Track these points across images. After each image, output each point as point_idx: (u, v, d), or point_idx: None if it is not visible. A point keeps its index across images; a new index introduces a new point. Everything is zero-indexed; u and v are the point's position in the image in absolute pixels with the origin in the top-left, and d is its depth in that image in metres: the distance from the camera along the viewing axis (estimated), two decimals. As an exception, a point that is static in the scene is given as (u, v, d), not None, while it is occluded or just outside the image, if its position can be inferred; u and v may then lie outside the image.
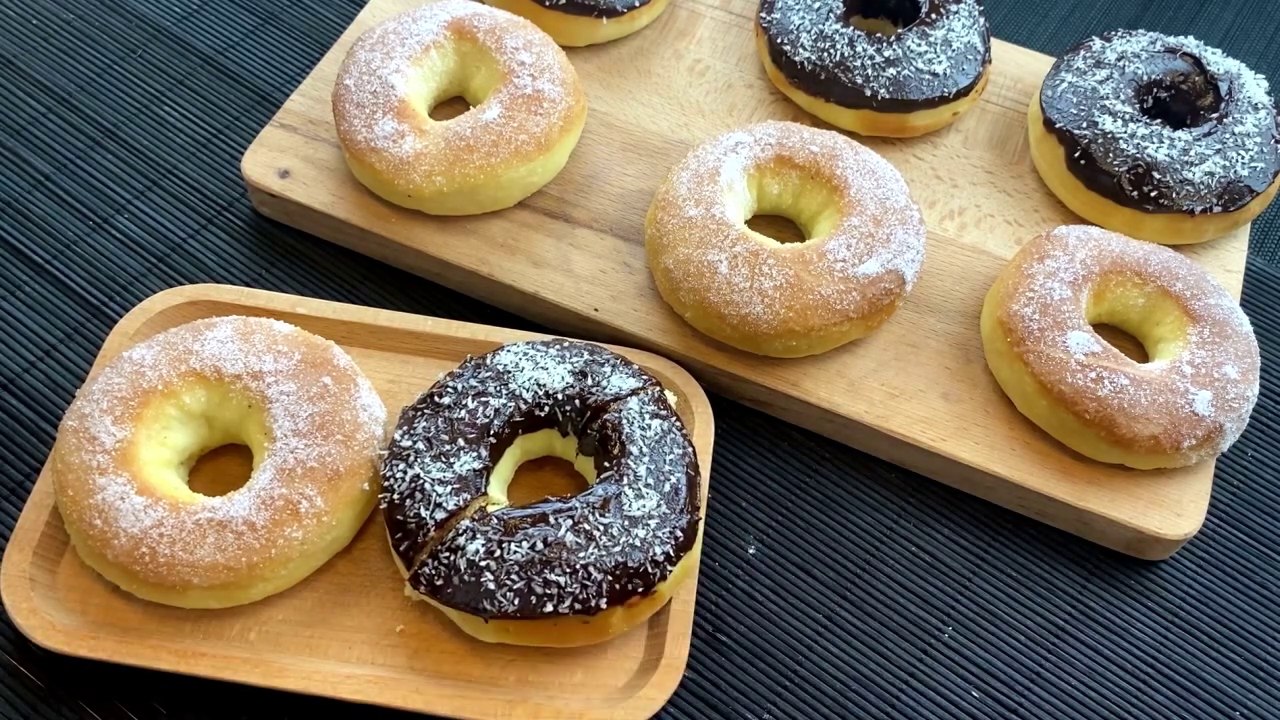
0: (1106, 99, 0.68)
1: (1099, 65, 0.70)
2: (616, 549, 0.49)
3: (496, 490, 0.54)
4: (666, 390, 0.58)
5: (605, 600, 0.49)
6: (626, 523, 0.50)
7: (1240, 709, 0.56)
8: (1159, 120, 0.68)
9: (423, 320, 0.61)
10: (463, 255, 0.65)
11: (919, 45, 0.69)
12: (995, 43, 0.77)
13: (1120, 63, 0.70)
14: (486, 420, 0.53)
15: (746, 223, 0.64)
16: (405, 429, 0.53)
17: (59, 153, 0.71)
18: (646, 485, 0.51)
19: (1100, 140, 0.67)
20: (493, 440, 0.53)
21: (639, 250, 0.66)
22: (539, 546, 0.49)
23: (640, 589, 0.49)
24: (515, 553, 0.49)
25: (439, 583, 0.49)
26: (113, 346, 0.59)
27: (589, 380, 0.55)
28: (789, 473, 0.62)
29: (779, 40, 0.71)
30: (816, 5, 0.71)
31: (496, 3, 0.73)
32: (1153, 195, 0.66)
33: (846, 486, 0.62)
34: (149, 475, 0.52)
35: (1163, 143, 0.66)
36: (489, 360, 0.56)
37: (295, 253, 0.68)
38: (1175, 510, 0.59)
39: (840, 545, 0.60)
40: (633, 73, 0.74)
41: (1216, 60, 0.70)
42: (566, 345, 0.57)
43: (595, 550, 0.49)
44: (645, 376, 0.56)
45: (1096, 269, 0.62)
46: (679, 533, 0.50)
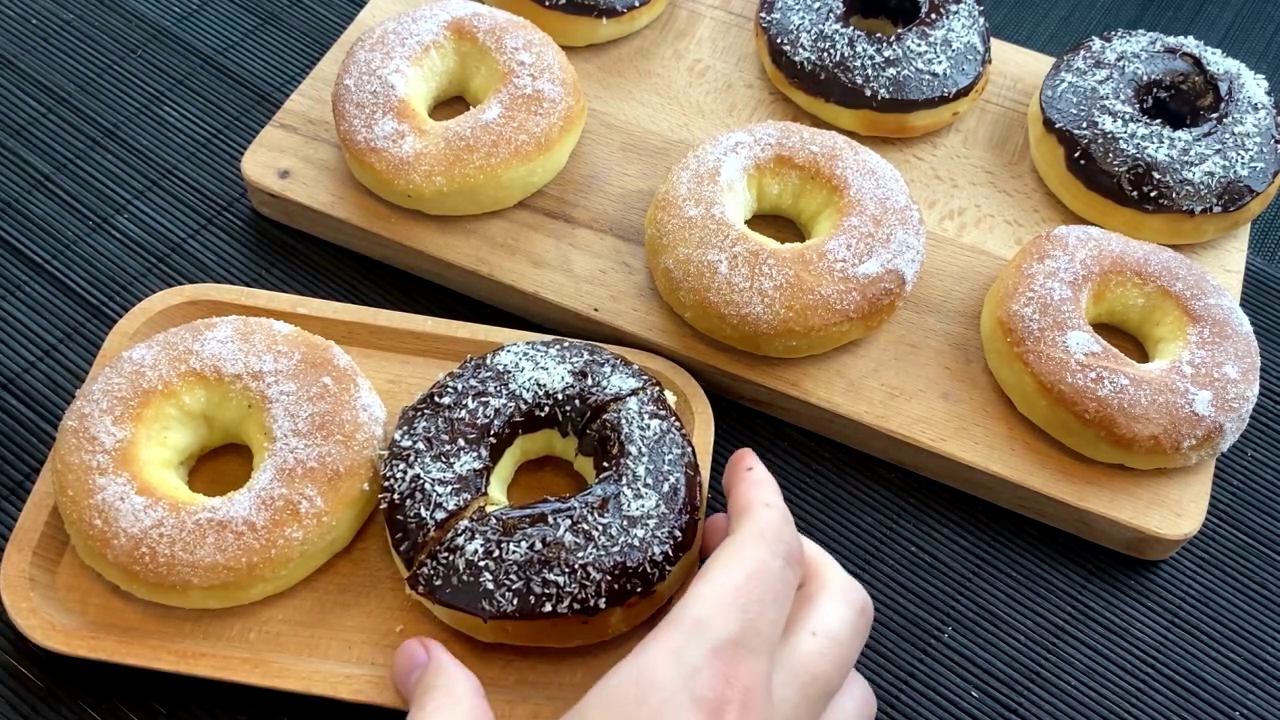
0: (1106, 99, 0.68)
1: (1099, 65, 0.70)
2: (615, 549, 0.49)
3: (496, 490, 0.54)
4: (666, 390, 0.58)
5: (604, 600, 0.48)
6: (625, 523, 0.50)
7: (1240, 709, 0.56)
8: (1159, 120, 0.68)
9: (423, 320, 0.61)
10: (463, 255, 0.65)
11: (919, 45, 0.69)
12: (995, 43, 0.77)
13: (1120, 63, 0.70)
14: (487, 420, 0.53)
15: (746, 223, 0.64)
16: (405, 429, 0.53)
17: (59, 153, 0.71)
18: (645, 485, 0.51)
19: (1100, 140, 0.67)
20: (493, 440, 0.53)
21: (639, 250, 0.66)
22: (537, 546, 0.48)
23: (639, 589, 0.49)
24: (514, 553, 0.48)
25: (437, 583, 0.49)
26: (112, 346, 0.59)
27: (589, 380, 0.55)
28: (789, 473, 0.62)
29: (779, 40, 0.71)
30: (816, 5, 0.71)
31: (496, 3, 0.73)
32: (1152, 195, 0.66)
33: (846, 486, 0.62)
34: (149, 475, 0.52)
35: (1163, 143, 0.66)
36: (489, 360, 0.56)
37: (295, 253, 0.68)
38: (1175, 510, 0.59)
39: (840, 545, 0.60)
40: (633, 73, 0.74)
41: (1216, 60, 0.70)
42: (566, 345, 0.57)
43: (594, 550, 0.49)
44: (645, 376, 0.56)
45: (1096, 269, 0.62)
46: (678, 532, 0.50)
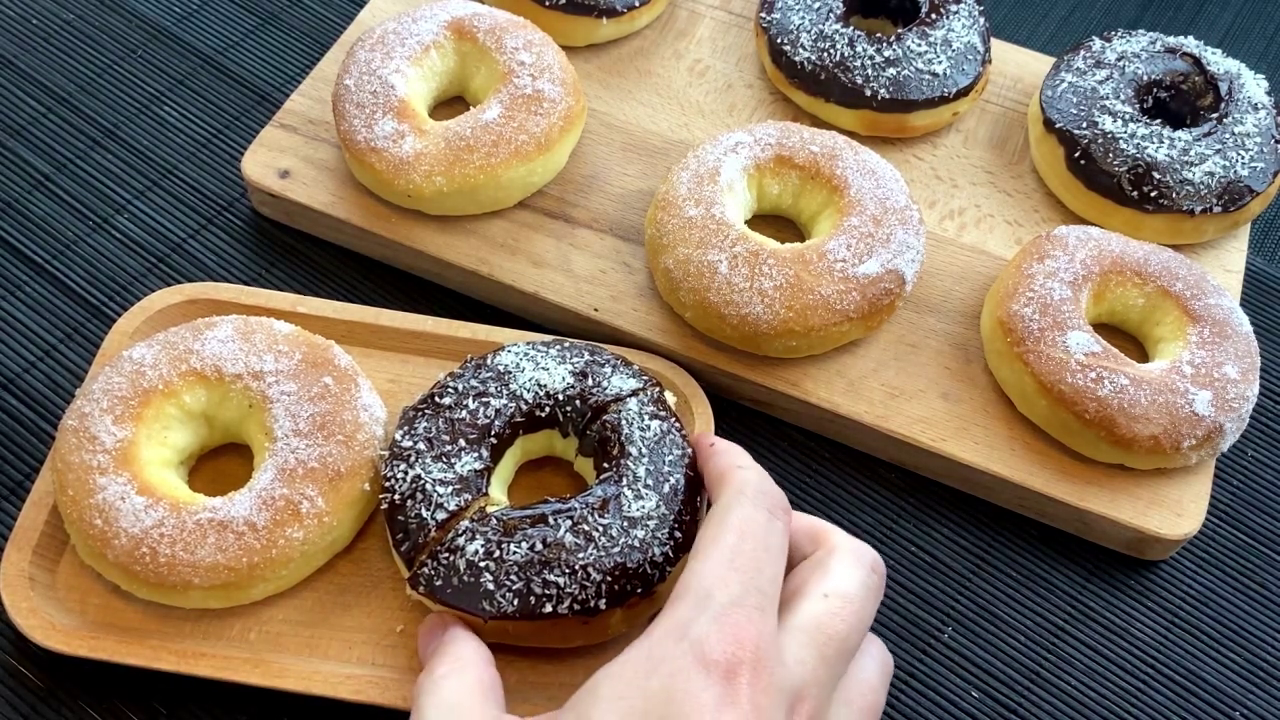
0: (1106, 99, 0.68)
1: (1099, 65, 0.70)
2: (616, 550, 0.49)
3: (497, 491, 0.54)
4: (666, 390, 0.58)
5: (604, 601, 0.48)
6: (625, 524, 0.50)
7: (1240, 709, 0.56)
8: (1159, 120, 0.68)
9: (423, 320, 0.61)
10: (463, 255, 0.65)
11: (919, 45, 0.69)
12: (995, 43, 0.77)
13: (1120, 63, 0.70)
14: (487, 421, 0.53)
15: (746, 223, 0.64)
16: (406, 429, 0.53)
17: (59, 153, 0.71)
18: (646, 486, 0.51)
19: (1100, 140, 0.67)
20: (493, 441, 0.53)
21: (639, 250, 0.66)
22: (538, 547, 0.49)
23: (639, 590, 0.49)
24: (514, 553, 0.49)
25: (438, 583, 0.49)
26: (112, 345, 0.59)
27: (589, 381, 0.55)
28: (789, 473, 0.62)
29: (779, 40, 0.71)
30: (816, 5, 0.71)
31: (496, 3, 0.73)
32: (1153, 195, 0.66)
33: (846, 486, 0.62)
34: (149, 475, 0.52)
35: (1163, 143, 0.66)
36: (489, 360, 0.56)
37: (295, 253, 0.68)
38: (1175, 510, 0.59)
39: (840, 545, 0.60)
40: (633, 73, 0.74)
41: (1216, 60, 0.70)
42: (567, 345, 0.57)
43: (594, 551, 0.49)
44: (645, 377, 0.56)
45: (1096, 269, 0.62)
46: (678, 533, 0.50)
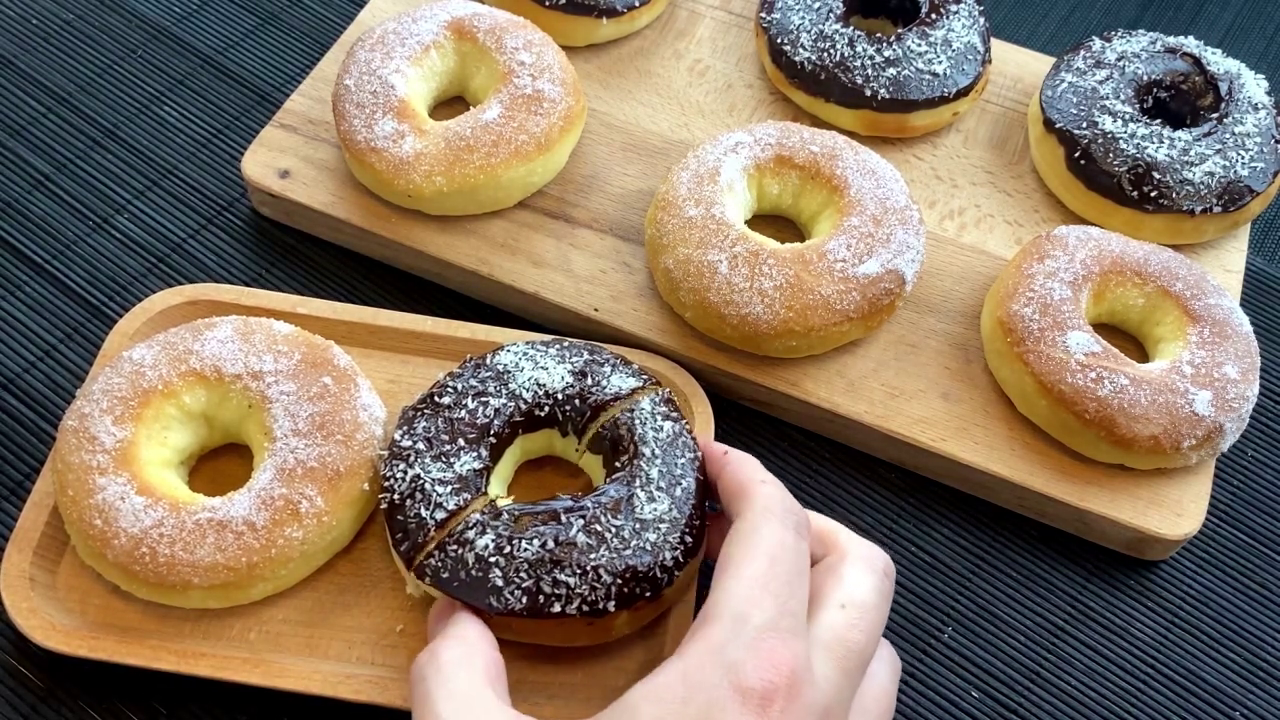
0: (1106, 99, 0.68)
1: (1099, 65, 0.70)
2: (627, 552, 0.48)
3: (497, 490, 0.54)
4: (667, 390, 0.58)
5: (613, 603, 0.48)
6: (637, 525, 0.49)
7: (1240, 709, 0.56)
8: (1159, 120, 0.68)
9: (423, 320, 0.61)
10: (463, 255, 0.65)
11: (919, 45, 0.69)
12: (995, 43, 0.77)
13: (1120, 63, 0.70)
14: (486, 420, 0.53)
15: (746, 223, 0.64)
16: (405, 429, 0.53)
17: (59, 153, 0.71)
18: (658, 488, 0.50)
19: (1100, 140, 0.67)
20: (493, 440, 0.53)
21: (639, 250, 0.66)
22: (550, 545, 0.48)
23: (648, 593, 0.49)
24: (525, 550, 0.48)
25: (445, 575, 0.49)
26: (113, 346, 0.59)
27: (589, 380, 0.55)
28: (789, 473, 0.62)
29: (779, 40, 0.71)
30: (816, 5, 0.71)
31: (496, 3, 0.73)
32: (1153, 195, 0.66)
33: (846, 486, 0.62)
34: (149, 475, 0.52)
35: (1163, 143, 0.66)
36: (489, 360, 0.56)
37: (295, 253, 0.68)
38: (1175, 510, 0.59)
39: (840, 545, 0.60)
40: (633, 73, 0.74)
41: (1216, 60, 0.70)
42: (566, 345, 0.57)
43: (606, 552, 0.48)
44: (645, 376, 0.56)
45: (1096, 269, 0.62)
46: (688, 538, 0.50)
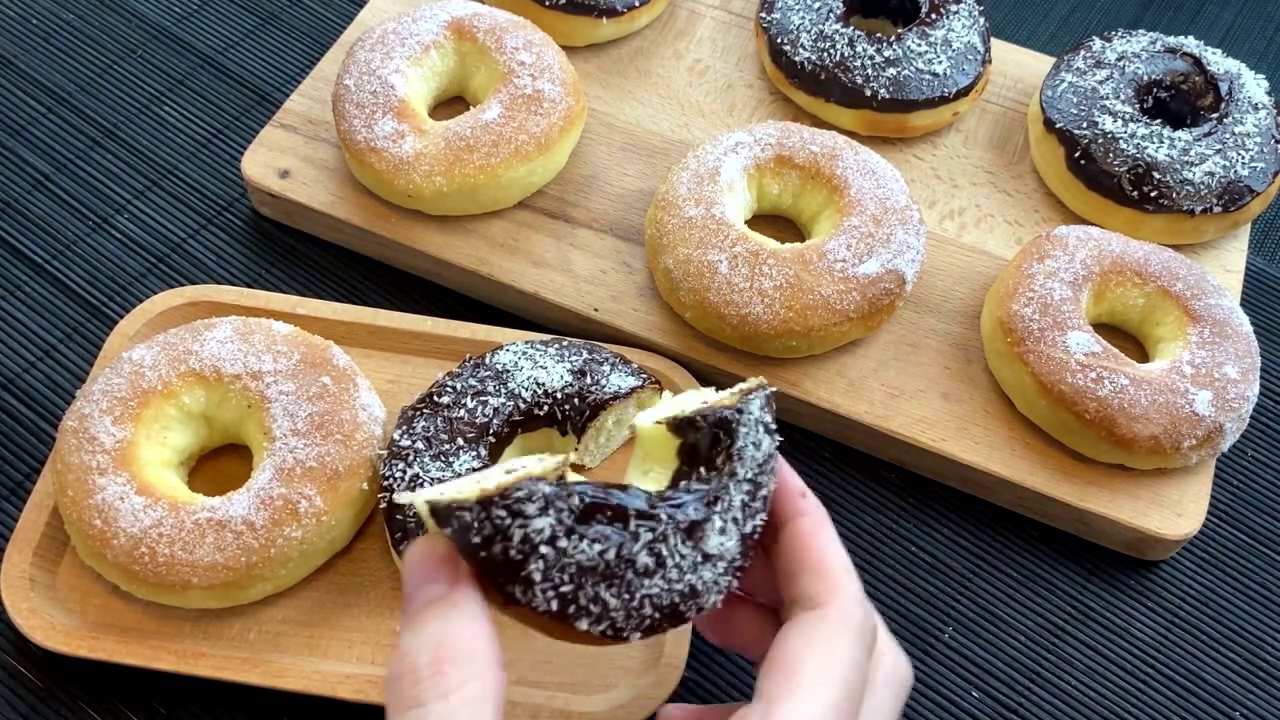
0: (1106, 99, 0.68)
1: (1099, 65, 0.70)
2: (679, 586, 0.40)
3: None
4: (666, 390, 0.58)
5: (640, 634, 0.41)
6: (700, 558, 0.40)
7: (1240, 709, 0.56)
8: (1159, 120, 0.68)
9: (423, 320, 0.61)
10: (463, 255, 0.65)
11: (919, 45, 0.69)
12: (995, 43, 0.77)
13: (1120, 63, 0.70)
14: (485, 419, 0.53)
15: (746, 223, 0.64)
16: (404, 429, 0.53)
17: (59, 153, 0.71)
18: (733, 521, 0.41)
19: (1100, 140, 0.67)
20: (492, 440, 0.53)
21: (639, 250, 0.66)
22: (610, 555, 0.39)
23: (674, 626, 0.42)
24: (580, 551, 0.39)
25: (475, 540, 0.38)
26: (113, 347, 0.59)
27: (588, 379, 0.55)
28: (789, 473, 0.62)
29: (779, 40, 0.71)
30: (816, 5, 0.71)
31: (496, 3, 0.73)
32: (1153, 195, 0.66)
33: (846, 486, 0.62)
34: (149, 475, 0.52)
35: (1163, 143, 0.66)
36: (488, 360, 0.56)
37: (295, 253, 0.68)
38: (1175, 510, 0.59)
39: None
40: (633, 73, 0.74)
41: (1216, 60, 0.70)
42: (565, 344, 0.57)
43: (660, 583, 0.40)
44: (645, 375, 0.56)
45: (1097, 269, 0.62)
46: (734, 583, 0.41)
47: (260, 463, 0.53)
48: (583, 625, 0.40)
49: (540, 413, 0.54)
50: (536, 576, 0.39)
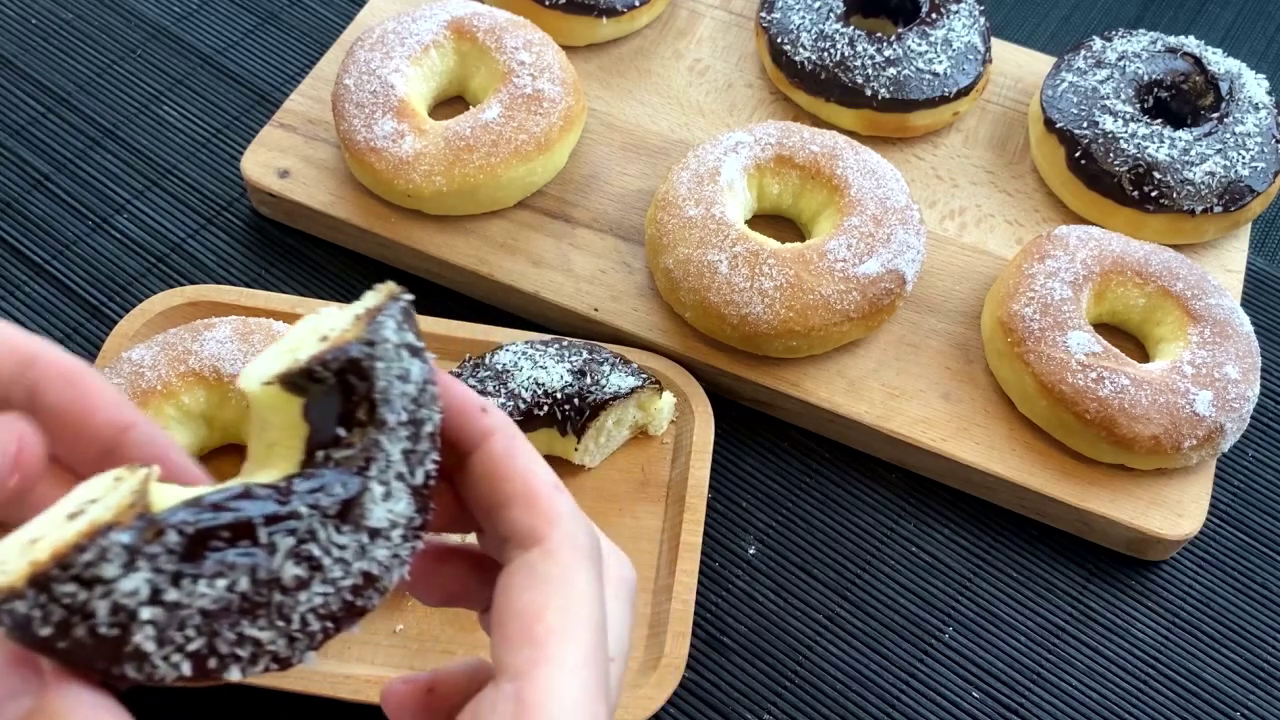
0: (1107, 99, 0.68)
1: (1099, 65, 0.70)
2: (347, 584, 0.31)
3: None
4: (666, 390, 0.58)
5: (314, 651, 0.32)
6: (366, 539, 0.31)
7: (1240, 709, 0.56)
8: (1159, 120, 0.68)
9: (422, 320, 0.61)
10: (463, 255, 0.65)
11: (919, 45, 0.69)
12: (995, 42, 0.77)
13: (1121, 62, 0.70)
14: (485, 420, 0.53)
15: (746, 223, 0.64)
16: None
17: (59, 153, 0.71)
18: (398, 478, 0.32)
19: (1101, 140, 0.67)
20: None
21: (639, 250, 0.66)
22: (241, 586, 0.29)
23: (353, 624, 0.32)
24: (200, 595, 0.29)
25: (45, 633, 0.27)
26: (112, 347, 0.59)
27: (588, 379, 0.55)
28: (789, 473, 0.62)
29: (779, 40, 0.71)
30: (816, 5, 0.71)
31: (496, 2, 0.73)
32: (1153, 195, 0.66)
33: (846, 486, 0.62)
34: (148, 475, 0.52)
35: (1163, 143, 0.66)
36: (488, 359, 0.56)
37: (295, 253, 0.68)
38: (1176, 510, 0.59)
39: (840, 545, 0.60)
40: (633, 73, 0.74)
41: (1217, 60, 0.70)
42: (565, 344, 0.57)
43: (321, 588, 0.30)
44: (645, 375, 0.56)
45: (1097, 269, 0.62)
46: (417, 543, 0.32)
47: (260, 463, 0.53)
48: (234, 675, 0.31)
49: (540, 413, 0.54)
50: (149, 647, 0.29)
